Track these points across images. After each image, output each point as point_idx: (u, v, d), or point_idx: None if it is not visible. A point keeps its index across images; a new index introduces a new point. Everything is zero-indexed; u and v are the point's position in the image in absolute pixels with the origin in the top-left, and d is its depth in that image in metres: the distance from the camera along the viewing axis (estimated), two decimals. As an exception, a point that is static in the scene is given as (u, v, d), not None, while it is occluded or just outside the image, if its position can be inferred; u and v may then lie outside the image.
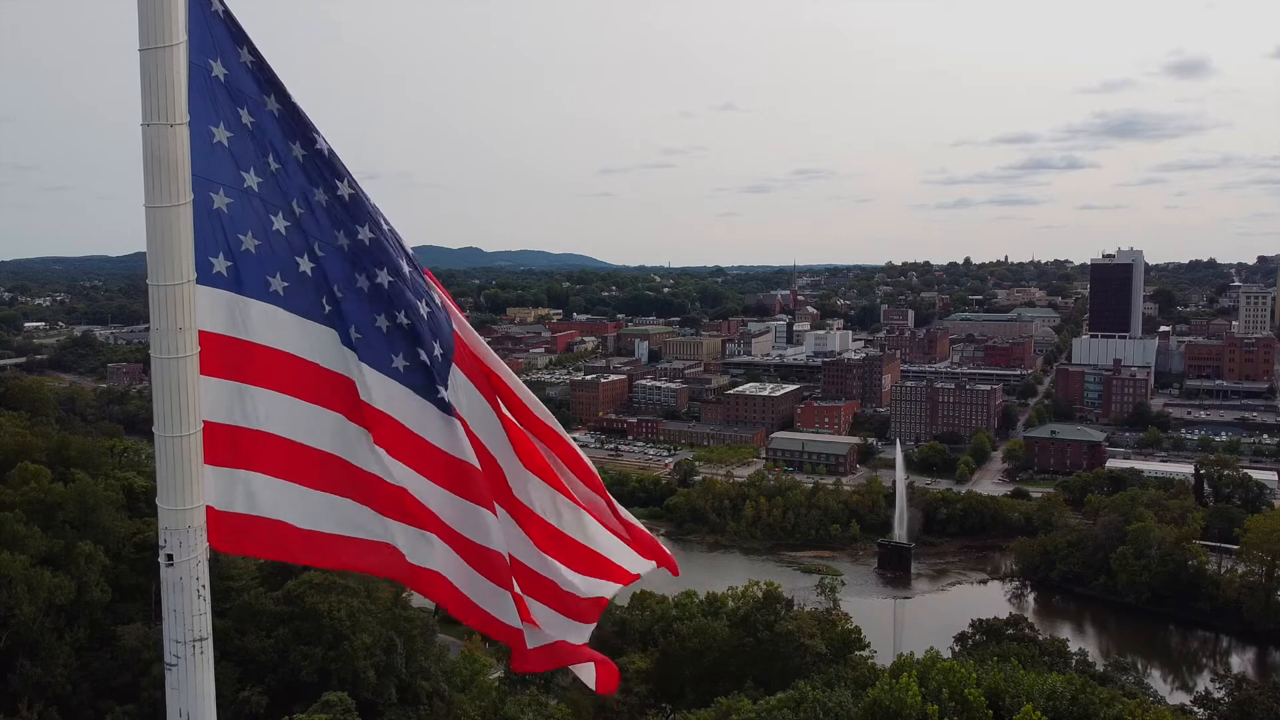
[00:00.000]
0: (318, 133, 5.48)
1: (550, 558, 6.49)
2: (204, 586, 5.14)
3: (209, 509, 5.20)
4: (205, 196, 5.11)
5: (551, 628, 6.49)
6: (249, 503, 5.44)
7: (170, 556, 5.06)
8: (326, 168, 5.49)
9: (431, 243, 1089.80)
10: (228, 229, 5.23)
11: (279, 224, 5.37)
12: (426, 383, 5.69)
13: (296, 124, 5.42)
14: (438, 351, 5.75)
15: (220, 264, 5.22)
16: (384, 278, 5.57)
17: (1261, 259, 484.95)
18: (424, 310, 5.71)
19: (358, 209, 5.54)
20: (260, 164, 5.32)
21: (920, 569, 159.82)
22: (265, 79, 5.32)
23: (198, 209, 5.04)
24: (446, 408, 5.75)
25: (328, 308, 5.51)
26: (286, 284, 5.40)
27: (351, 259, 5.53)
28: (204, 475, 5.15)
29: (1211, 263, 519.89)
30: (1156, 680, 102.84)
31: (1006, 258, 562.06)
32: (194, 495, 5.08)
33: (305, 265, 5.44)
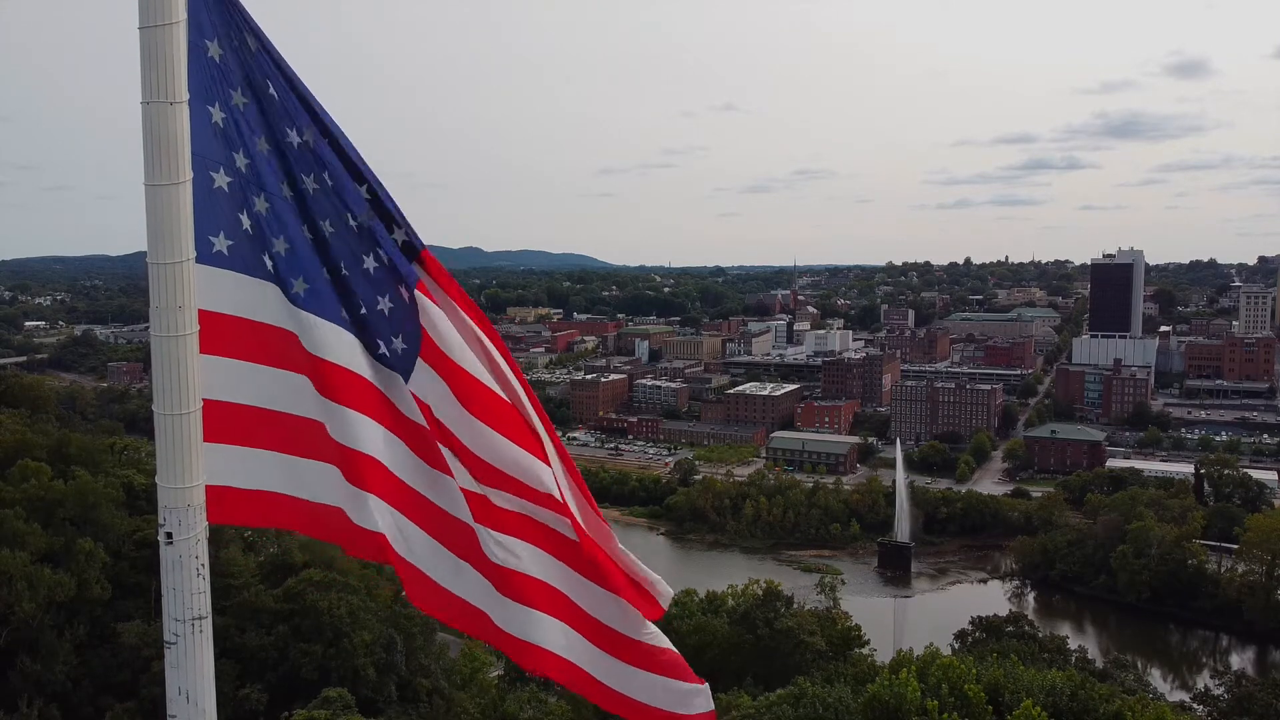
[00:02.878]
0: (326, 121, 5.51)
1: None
2: (203, 565, 5.15)
3: (209, 486, 5.22)
4: (205, 175, 5.13)
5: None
6: (250, 478, 5.47)
7: (170, 535, 5.08)
8: (324, 156, 5.51)
9: (432, 242, 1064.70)
10: (228, 208, 5.27)
11: (260, 205, 5.40)
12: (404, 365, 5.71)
13: (295, 109, 5.44)
14: (399, 344, 5.71)
15: (220, 243, 5.25)
16: (370, 263, 5.61)
17: (1262, 259, 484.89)
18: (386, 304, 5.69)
19: (338, 204, 5.56)
20: (250, 146, 5.34)
21: (920, 568, 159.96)
22: (263, 63, 5.34)
23: (198, 188, 5.06)
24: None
25: (303, 289, 5.49)
26: (273, 263, 5.44)
27: (344, 242, 5.55)
28: (204, 453, 5.18)
29: (1212, 263, 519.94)
30: (1156, 678, 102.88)
31: (1007, 258, 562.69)
32: (194, 473, 5.10)
33: (280, 247, 5.44)
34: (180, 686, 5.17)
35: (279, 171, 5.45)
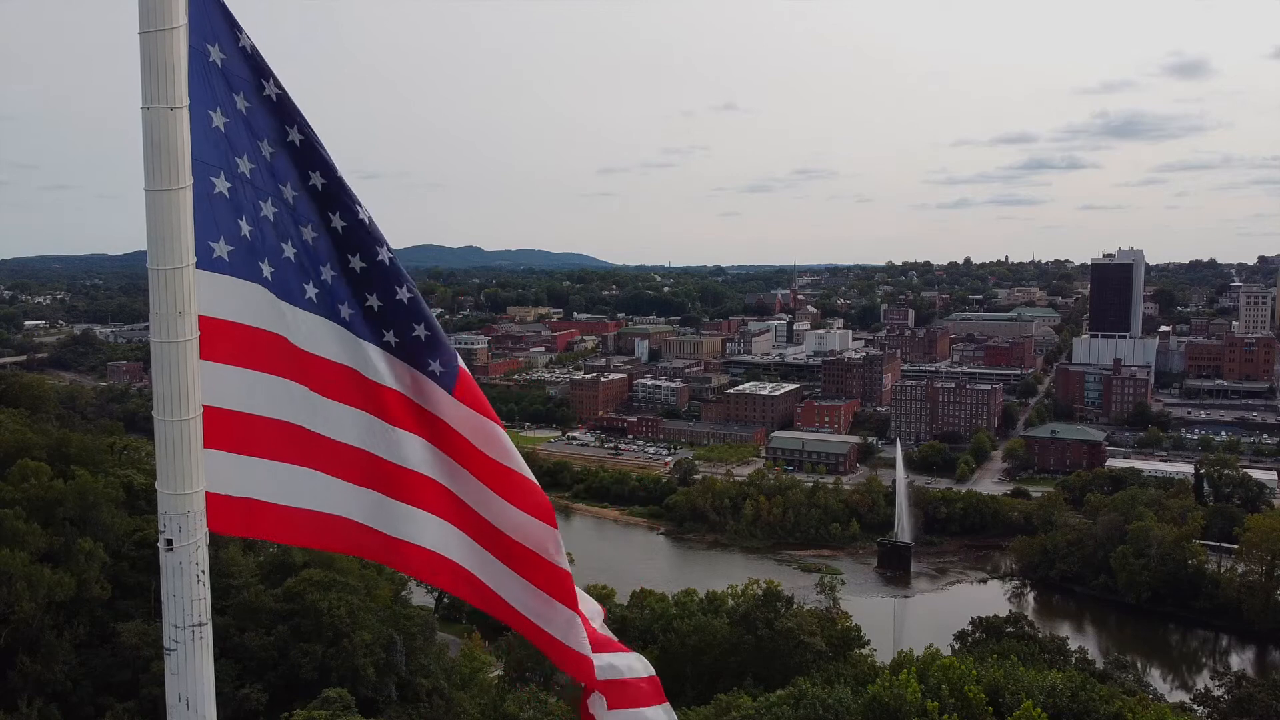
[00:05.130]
0: (305, 121, 5.53)
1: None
2: (203, 571, 5.12)
3: (209, 494, 5.19)
4: (206, 181, 5.09)
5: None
6: (250, 487, 5.43)
7: (170, 541, 5.05)
8: (313, 155, 5.53)
9: (432, 242, 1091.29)
10: (228, 213, 5.23)
11: (267, 210, 5.38)
12: (419, 357, 5.75)
13: (288, 110, 5.45)
14: (419, 332, 5.75)
15: (221, 249, 5.21)
16: (384, 255, 5.62)
17: (1262, 259, 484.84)
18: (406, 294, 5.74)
19: (343, 195, 5.58)
20: (253, 150, 5.32)
21: (920, 568, 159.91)
22: (260, 65, 5.34)
23: (198, 193, 5.02)
24: (443, 380, 5.79)
25: (313, 292, 5.51)
26: (273, 269, 5.41)
27: (343, 242, 5.56)
28: (204, 460, 5.15)
29: (1212, 263, 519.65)
30: (1156, 679, 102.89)
31: (1007, 257, 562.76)
32: (193, 480, 5.07)
33: (289, 251, 5.45)
34: (180, 693, 5.15)
35: (285, 172, 5.42)
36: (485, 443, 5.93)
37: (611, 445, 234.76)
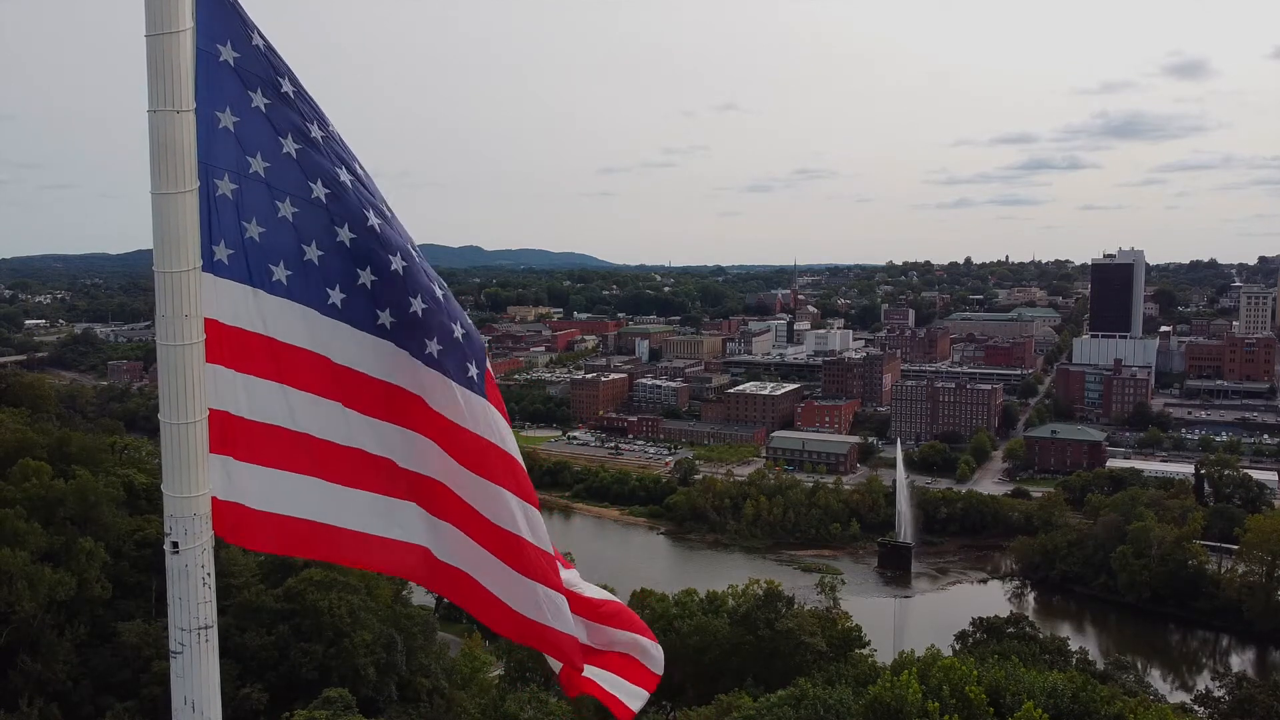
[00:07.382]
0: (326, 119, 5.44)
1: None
2: (209, 574, 5.12)
3: (214, 498, 5.17)
4: (209, 183, 5.03)
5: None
6: (249, 494, 5.35)
7: (175, 544, 5.04)
8: (341, 151, 5.43)
9: (432, 241, 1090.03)
10: (231, 216, 5.15)
11: (285, 210, 5.23)
12: (455, 364, 5.61)
13: (309, 107, 5.35)
14: (459, 333, 5.63)
15: (222, 251, 5.13)
16: (398, 263, 5.41)
17: (1262, 259, 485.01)
18: (439, 293, 5.58)
19: (370, 197, 5.44)
20: (271, 148, 5.19)
21: (920, 568, 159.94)
22: (278, 62, 5.27)
23: (201, 196, 4.97)
24: (476, 387, 5.67)
25: (339, 297, 5.33)
26: (290, 272, 5.26)
27: (367, 244, 5.38)
28: (209, 463, 5.13)
29: (1212, 263, 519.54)
30: (1156, 679, 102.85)
31: (1007, 257, 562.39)
32: (199, 482, 5.07)
33: (312, 254, 5.28)
34: (186, 696, 5.15)
35: (313, 169, 5.25)
36: (503, 440, 5.83)
37: (612, 445, 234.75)
